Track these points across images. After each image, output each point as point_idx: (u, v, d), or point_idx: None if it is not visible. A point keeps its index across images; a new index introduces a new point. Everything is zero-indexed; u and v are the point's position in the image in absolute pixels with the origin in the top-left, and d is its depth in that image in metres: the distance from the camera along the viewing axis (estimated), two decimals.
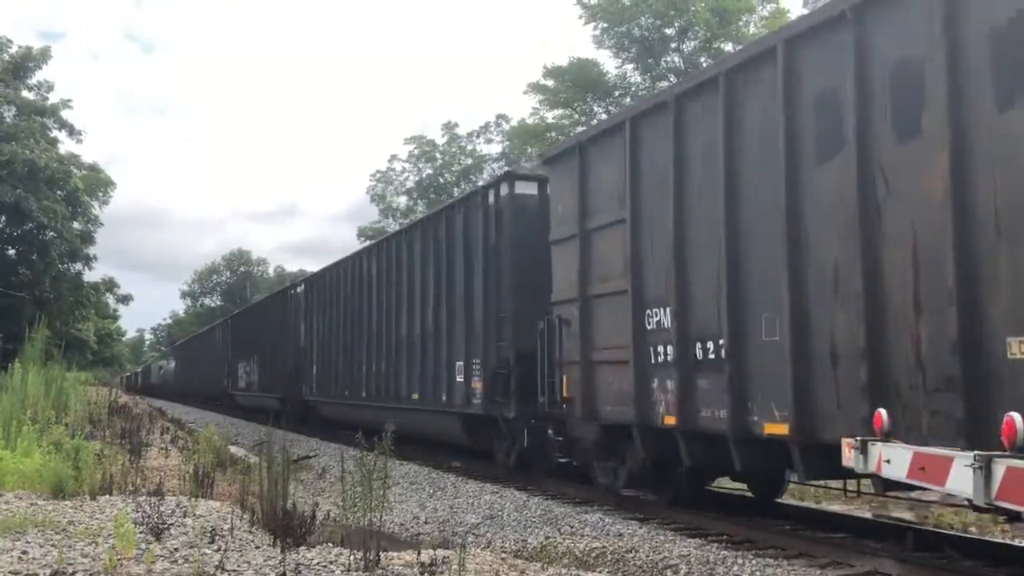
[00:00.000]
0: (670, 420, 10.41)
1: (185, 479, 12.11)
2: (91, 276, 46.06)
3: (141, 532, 8.10)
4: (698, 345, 10.08)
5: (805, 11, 43.27)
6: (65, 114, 42.44)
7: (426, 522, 12.65)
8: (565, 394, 12.75)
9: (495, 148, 55.62)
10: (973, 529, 11.04)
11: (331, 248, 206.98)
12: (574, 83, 40.39)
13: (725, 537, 10.11)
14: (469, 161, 56.73)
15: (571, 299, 12.58)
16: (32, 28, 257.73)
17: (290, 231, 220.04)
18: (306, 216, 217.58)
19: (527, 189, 14.85)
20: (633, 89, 40.57)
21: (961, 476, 6.45)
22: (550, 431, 13.51)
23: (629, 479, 12.13)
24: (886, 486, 7.72)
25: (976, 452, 6.38)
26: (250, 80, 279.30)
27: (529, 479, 14.78)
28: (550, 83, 41.37)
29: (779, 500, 12.37)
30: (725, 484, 12.90)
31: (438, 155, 57.13)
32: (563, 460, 13.93)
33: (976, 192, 6.95)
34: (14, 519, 8.99)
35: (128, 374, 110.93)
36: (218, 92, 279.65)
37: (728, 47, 38.03)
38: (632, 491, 12.57)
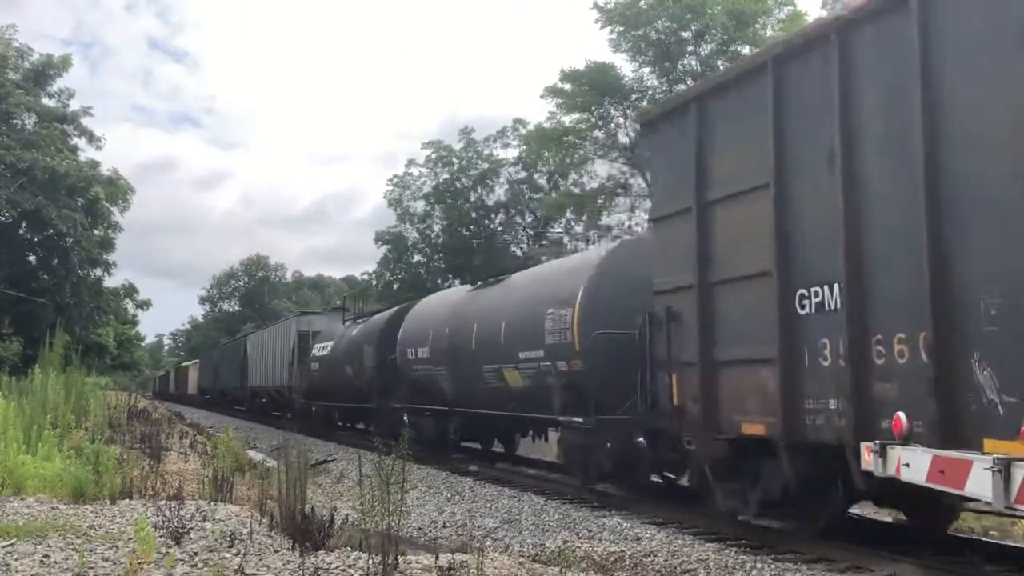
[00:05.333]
0: None
1: (204, 483, 12.16)
2: (111, 282, 46.31)
3: (161, 536, 8.14)
4: None
5: (823, 12, 43.19)
6: (86, 121, 42.70)
7: (444, 526, 12.66)
8: None
9: (512, 153, 55.61)
10: (994, 533, 10.96)
11: (353, 254, 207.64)
12: (591, 87, 40.31)
13: (744, 541, 10.07)
14: (486, 166, 56.72)
15: None
16: (57, 39, 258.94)
17: (316, 238, 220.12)
18: (331, 223, 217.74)
19: None
20: (650, 92, 40.51)
21: (980, 479, 6.43)
22: None
23: None
24: None
25: (995, 456, 6.37)
26: (276, 87, 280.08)
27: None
28: (567, 87, 41.31)
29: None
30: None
31: (455, 160, 57.13)
32: None
33: None
34: (35, 523, 9.05)
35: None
36: (247, 99, 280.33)
37: (745, 50, 37.93)
38: None
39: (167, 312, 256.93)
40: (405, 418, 20.78)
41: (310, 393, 31.14)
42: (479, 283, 19.49)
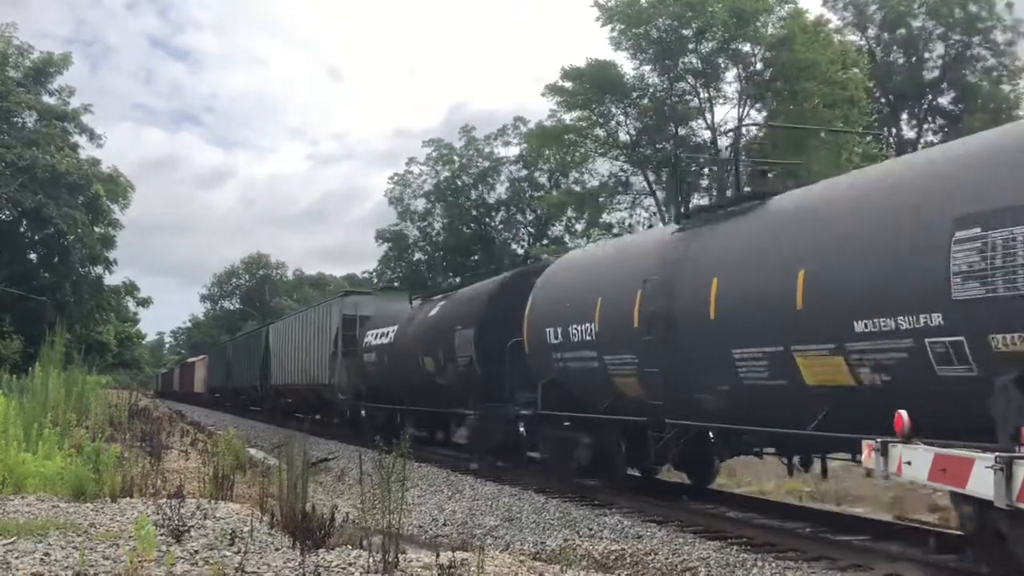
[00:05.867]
0: None
1: (205, 482, 12.15)
2: (112, 279, 46.31)
3: (161, 534, 8.13)
4: None
5: (824, 11, 43.23)
6: (86, 119, 42.66)
7: (445, 524, 12.65)
8: None
9: (512, 151, 55.69)
10: None
11: (355, 253, 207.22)
12: (592, 84, 40.32)
13: (745, 539, 10.07)
14: (487, 164, 56.79)
15: None
16: (59, 37, 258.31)
17: (317, 236, 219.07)
18: (333, 221, 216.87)
19: None
20: (651, 90, 40.49)
21: (982, 478, 6.42)
22: None
23: None
24: None
25: (997, 454, 6.36)
26: (278, 86, 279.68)
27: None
28: (568, 85, 41.33)
29: (800, 503, 12.30)
30: None
31: (455, 158, 57.22)
32: None
33: None
34: (36, 521, 9.04)
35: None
36: (249, 97, 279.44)
37: (746, 48, 37.93)
38: None
39: (168, 310, 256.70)
40: (521, 428, 15.39)
41: (361, 393, 24.84)
42: (688, 218, 12.61)
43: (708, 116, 40.29)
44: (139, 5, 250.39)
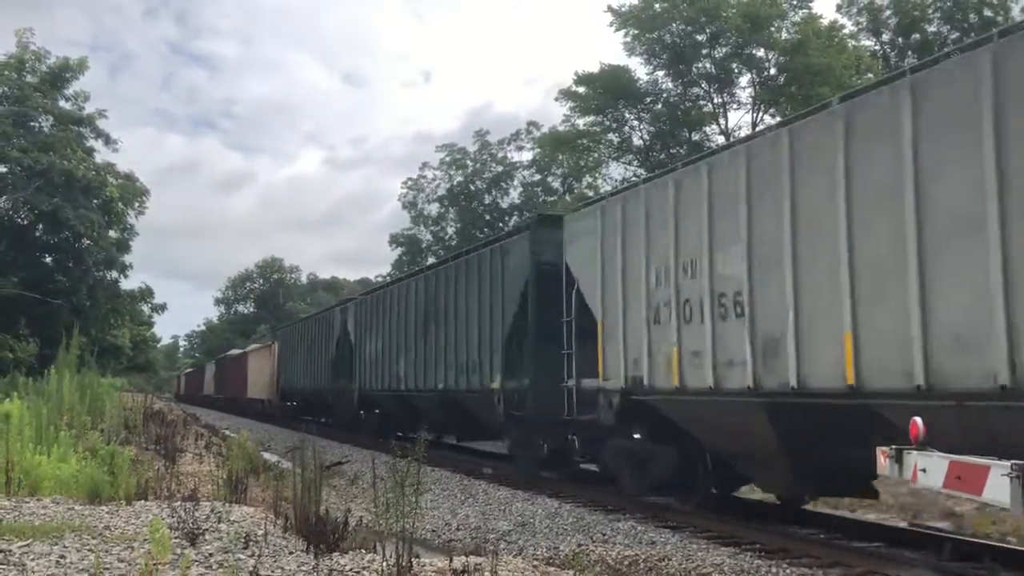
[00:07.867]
0: None
1: (219, 485, 12.19)
2: (128, 284, 46.40)
3: (176, 537, 8.17)
4: None
5: (838, 16, 43.10)
6: (101, 124, 42.79)
7: (458, 528, 12.65)
8: None
9: (526, 156, 55.66)
10: (1012, 539, 10.88)
11: (371, 257, 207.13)
12: (605, 90, 40.26)
13: (759, 546, 10.04)
14: (500, 168, 56.77)
15: None
16: (84, 44, 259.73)
17: (334, 241, 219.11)
18: (349, 226, 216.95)
19: None
20: (665, 95, 40.43)
21: (998, 485, 6.39)
22: None
23: None
24: None
25: (1013, 462, 6.32)
26: (295, 90, 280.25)
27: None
28: (581, 90, 41.28)
29: (813, 508, 12.26)
30: None
31: (469, 162, 57.21)
32: None
33: None
34: (51, 524, 9.09)
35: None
36: (268, 102, 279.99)
37: (760, 53, 37.82)
38: None
39: (183, 314, 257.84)
40: None
41: None
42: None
43: (722, 121, 40.23)
44: (156, 11, 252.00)
